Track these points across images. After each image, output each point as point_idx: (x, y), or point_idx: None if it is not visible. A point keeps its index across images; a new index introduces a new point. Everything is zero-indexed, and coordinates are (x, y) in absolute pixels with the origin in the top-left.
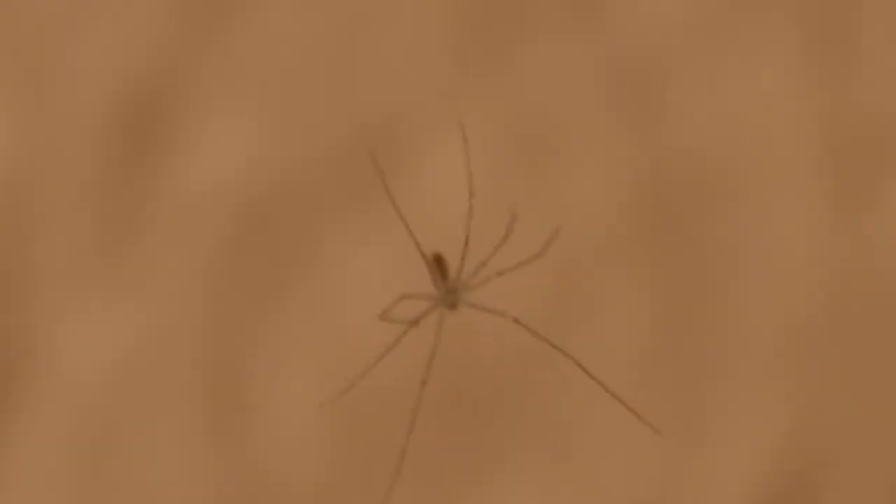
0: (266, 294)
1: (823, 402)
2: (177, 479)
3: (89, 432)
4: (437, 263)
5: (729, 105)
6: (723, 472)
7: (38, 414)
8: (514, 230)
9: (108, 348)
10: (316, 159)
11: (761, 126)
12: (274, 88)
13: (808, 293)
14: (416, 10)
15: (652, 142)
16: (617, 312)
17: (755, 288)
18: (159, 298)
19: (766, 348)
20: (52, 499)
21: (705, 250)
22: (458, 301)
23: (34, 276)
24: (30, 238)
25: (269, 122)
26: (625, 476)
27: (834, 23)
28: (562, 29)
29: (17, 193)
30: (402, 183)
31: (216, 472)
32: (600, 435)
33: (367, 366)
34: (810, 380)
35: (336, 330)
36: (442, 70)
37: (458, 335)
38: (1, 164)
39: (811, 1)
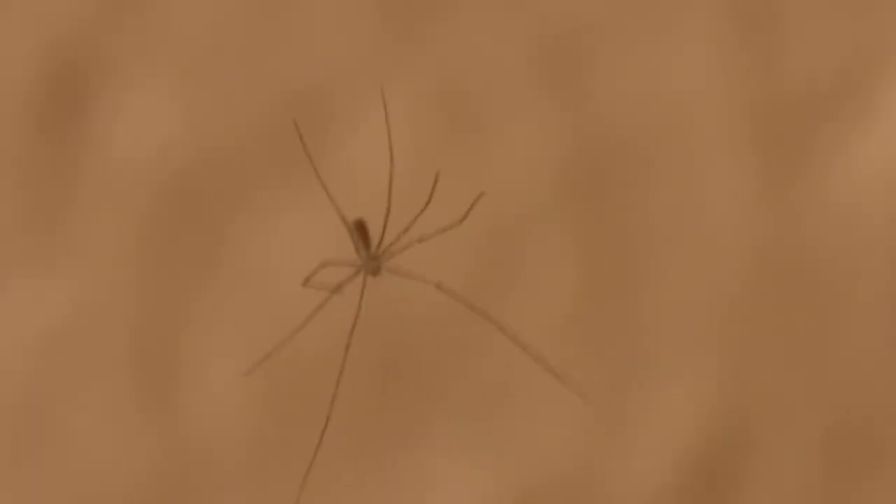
0: (194, 266)
1: (748, 370)
2: (106, 451)
3: (15, 402)
4: (359, 230)
5: (654, 77)
6: (649, 440)
7: None
8: (437, 197)
9: (35, 321)
10: (239, 130)
11: (686, 97)
12: (195, 59)
13: (734, 263)
14: None
15: (578, 113)
16: (541, 279)
17: (681, 258)
18: (88, 272)
19: (692, 318)
20: None
21: (631, 220)
22: (379, 267)
23: None
24: None
25: (190, 94)
26: (550, 443)
27: None
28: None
29: None
30: (325, 152)
31: (146, 444)
32: (525, 401)
33: (289, 333)
34: (735, 349)
35: (264, 300)
36: (366, 39)
37: (381, 301)
38: None
39: None
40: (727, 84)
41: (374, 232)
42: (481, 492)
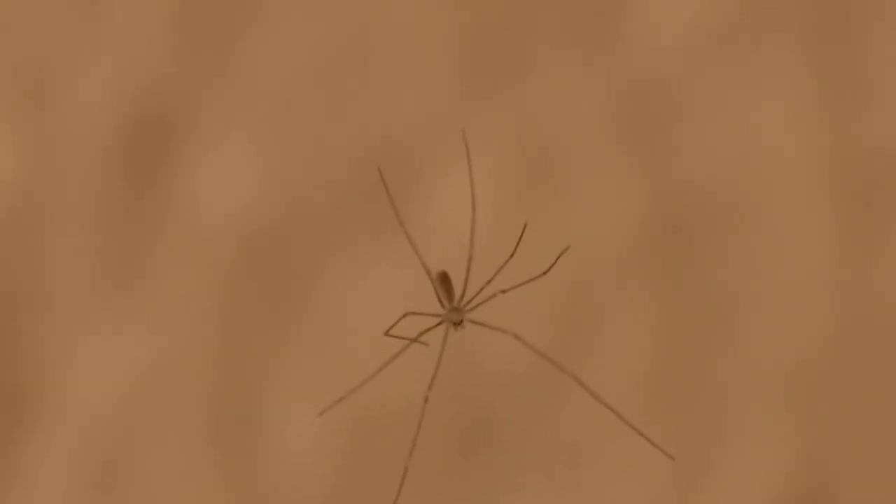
0: (275, 320)
1: (830, 433)
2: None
3: (99, 460)
4: (442, 282)
5: (736, 134)
6: (729, 500)
7: (49, 442)
8: (521, 250)
9: (117, 376)
10: (322, 185)
11: (768, 154)
12: (277, 114)
13: (815, 324)
14: (424, 33)
15: (659, 169)
16: (622, 336)
17: (761, 318)
18: (170, 326)
19: (772, 379)
20: None
21: (711, 278)
22: (462, 318)
23: (44, 304)
24: (38, 266)
25: (273, 149)
26: (631, 502)
27: (842, 48)
28: (571, 55)
29: (26, 220)
30: (409, 204)
31: (226, 499)
32: (606, 458)
33: (366, 377)
34: (817, 412)
35: (343, 352)
36: (448, 92)
37: (462, 353)
38: (8, 191)
39: (818, 24)
40: (811, 142)
41: (458, 284)
42: None
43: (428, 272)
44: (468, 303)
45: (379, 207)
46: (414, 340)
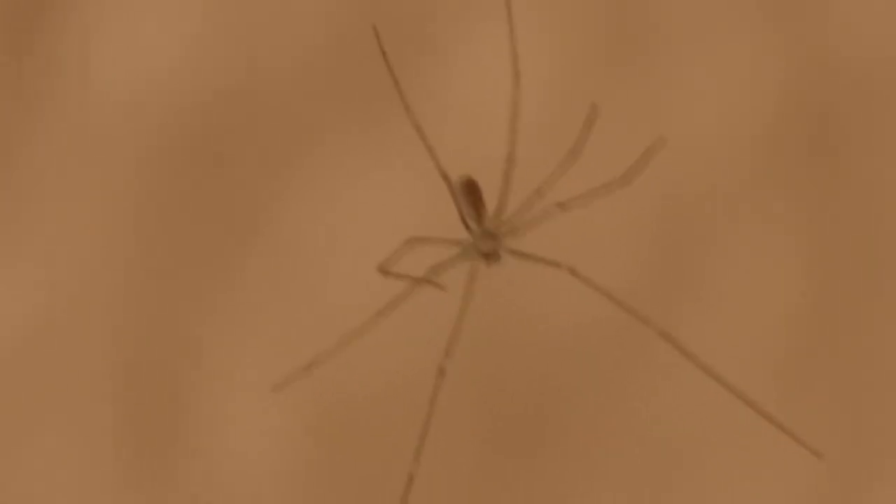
0: (213, 247)
1: None
2: (78, 495)
3: None
4: (468, 192)
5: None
6: None
7: None
8: (590, 147)
9: (1, 315)
10: (289, 45)
11: None
12: None
13: None
14: None
15: (797, 35)
16: (740, 277)
17: None
18: (69, 251)
19: None
20: None
21: (880, 190)
22: (498, 248)
23: None
24: None
25: None
26: None
27: None
28: None
29: None
30: (419, 79)
31: (135, 492)
32: (721, 459)
33: (349, 335)
34: None
35: (314, 297)
36: None
37: (498, 301)
38: None
39: None
40: None
41: (490, 196)
42: None
43: (446, 178)
44: (506, 224)
45: (373, 83)
46: (423, 281)
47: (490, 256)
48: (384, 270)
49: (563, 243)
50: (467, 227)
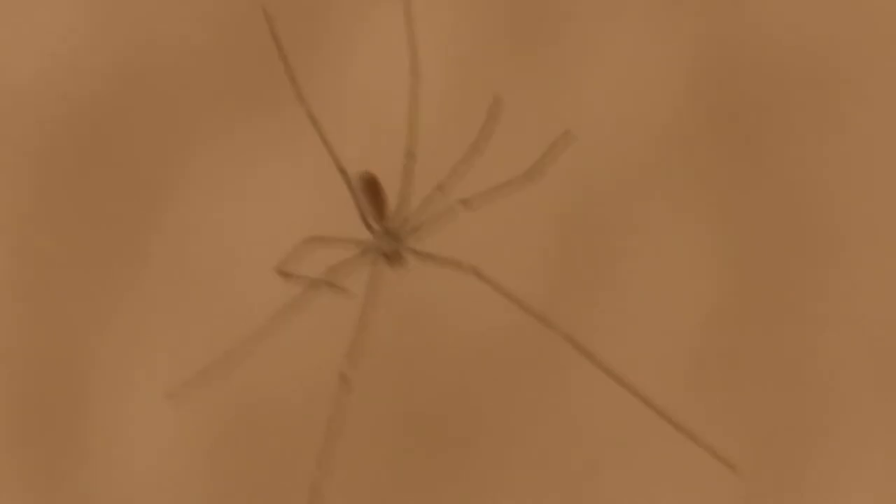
0: (105, 241)
1: None
2: None
3: None
4: (368, 189)
5: None
6: None
7: None
8: (495, 139)
9: None
10: (180, 32)
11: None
12: None
13: None
14: None
15: (706, 18)
16: (653, 273)
17: (870, 249)
18: None
19: (889, 350)
20: None
21: (796, 178)
22: (399, 248)
23: None
24: None
25: None
26: None
27: None
28: None
29: None
30: (315, 67)
31: (30, 497)
32: (630, 473)
33: (245, 340)
34: None
35: (211, 298)
36: None
37: (400, 303)
38: None
39: None
40: None
41: (391, 192)
42: None
43: (344, 173)
44: (408, 222)
45: (268, 70)
46: (322, 282)
47: (392, 257)
48: (283, 272)
49: (467, 242)
50: (368, 225)
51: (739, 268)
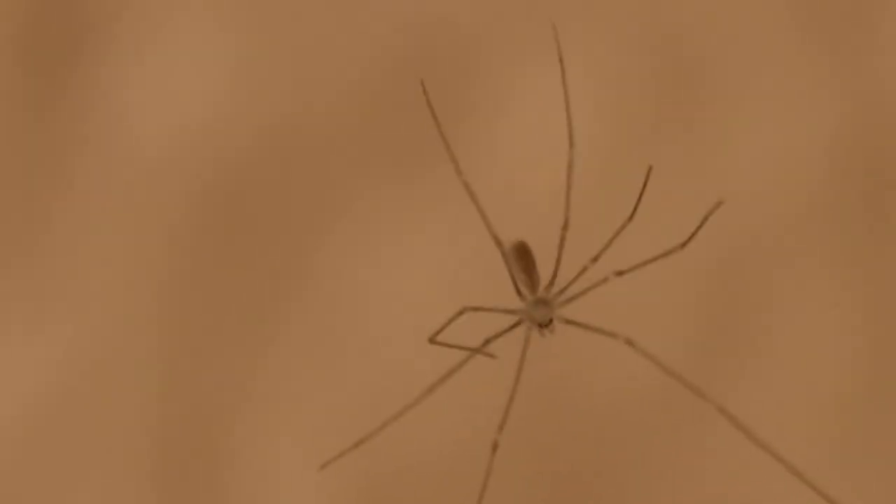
0: (249, 306)
1: None
2: None
3: (3, 491)
4: (521, 258)
5: None
6: None
7: None
8: (645, 210)
9: (28, 381)
10: (326, 99)
11: None
12: None
13: None
14: None
15: (858, 83)
16: (799, 343)
17: None
18: (98, 313)
19: None
20: None
21: None
22: (551, 316)
23: None
24: None
25: (249, 38)
26: None
27: None
28: None
29: None
30: (467, 133)
31: None
32: None
33: (399, 411)
34: None
35: (359, 366)
36: None
37: (552, 371)
38: None
39: None
40: None
41: (544, 263)
42: None
43: (499, 244)
44: (561, 292)
45: (417, 140)
46: (476, 352)
47: (544, 326)
48: (436, 341)
49: (619, 311)
50: (520, 294)
51: (886, 338)
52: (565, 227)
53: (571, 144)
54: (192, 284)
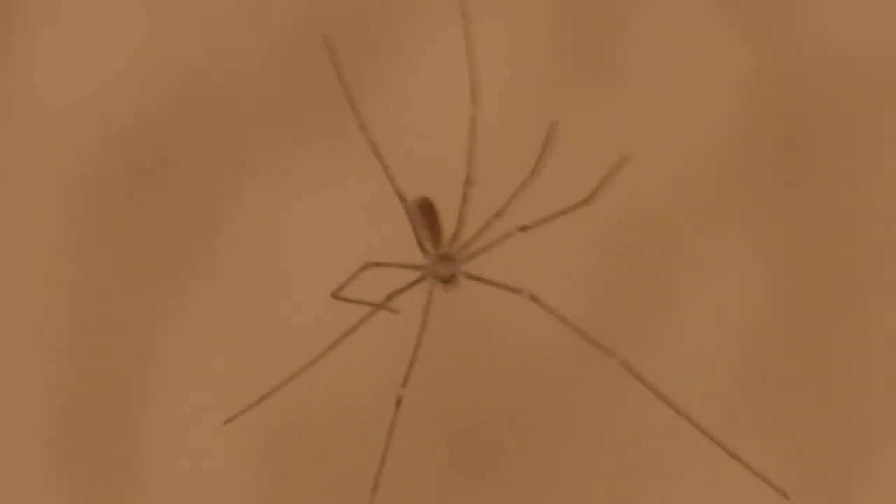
0: (157, 264)
1: None
2: None
3: None
4: (425, 214)
5: None
6: None
7: None
8: (550, 165)
9: None
10: (236, 60)
11: None
12: None
13: None
14: None
15: (775, 36)
16: (713, 296)
17: None
18: (7, 268)
19: None
20: None
21: (852, 201)
22: (455, 272)
23: None
24: None
25: (164, 1)
26: None
27: None
28: None
29: None
30: (373, 92)
31: None
32: (684, 491)
33: (302, 366)
34: None
35: (265, 322)
36: None
37: (455, 326)
38: None
39: None
40: None
41: (447, 218)
42: None
43: (402, 200)
44: (464, 247)
45: (325, 96)
46: (379, 307)
47: (447, 281)
48: (339, 296)
49: (522, 266)
50: (424, 251)
51: (793, 291)
52: (468, 182)
53: (473, 100)
54: (101, 242)
